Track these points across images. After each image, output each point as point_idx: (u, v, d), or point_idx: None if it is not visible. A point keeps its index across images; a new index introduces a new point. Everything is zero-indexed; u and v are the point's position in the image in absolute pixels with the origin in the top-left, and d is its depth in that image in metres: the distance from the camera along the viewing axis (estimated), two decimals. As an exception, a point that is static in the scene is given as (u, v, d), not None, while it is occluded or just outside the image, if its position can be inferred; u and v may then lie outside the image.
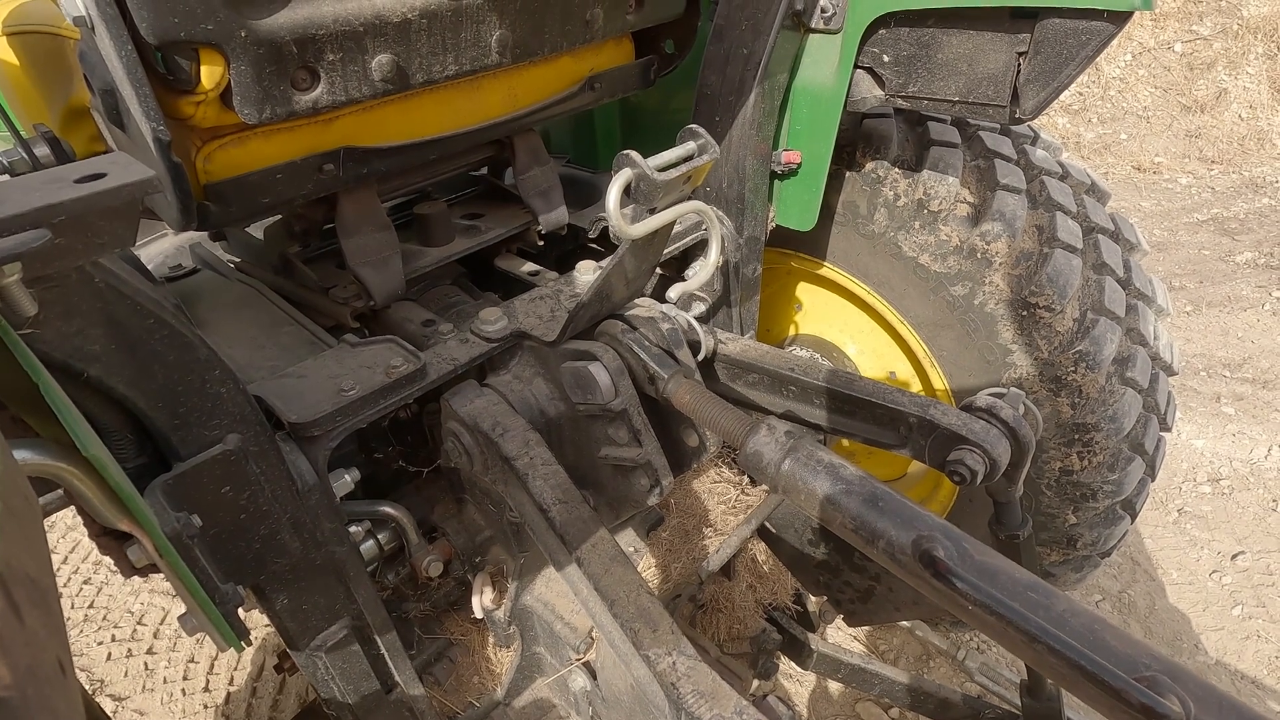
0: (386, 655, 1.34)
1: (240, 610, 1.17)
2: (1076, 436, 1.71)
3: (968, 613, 0.88)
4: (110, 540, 0.92)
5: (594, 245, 1.85)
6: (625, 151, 0.99)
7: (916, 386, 2.04)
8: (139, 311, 0.84)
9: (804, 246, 1.97)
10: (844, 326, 2.19)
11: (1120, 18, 1.20)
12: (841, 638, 2.62)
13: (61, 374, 0.80)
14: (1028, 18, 1.30)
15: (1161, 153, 6.48)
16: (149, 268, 1.74)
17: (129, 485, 0.80)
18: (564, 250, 1.94)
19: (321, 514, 1.14)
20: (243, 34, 0.93)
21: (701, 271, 1.32)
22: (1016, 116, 1.43)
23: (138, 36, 0.88)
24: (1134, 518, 1.89)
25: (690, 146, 1.06)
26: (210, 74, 0.95)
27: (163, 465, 0.96)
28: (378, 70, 1.09)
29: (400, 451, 1.59)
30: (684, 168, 1.03)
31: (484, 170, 1.90)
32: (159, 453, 0.97)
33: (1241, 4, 6.78)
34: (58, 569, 3.07)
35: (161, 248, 1.90)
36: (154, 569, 0.92)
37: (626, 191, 1.02)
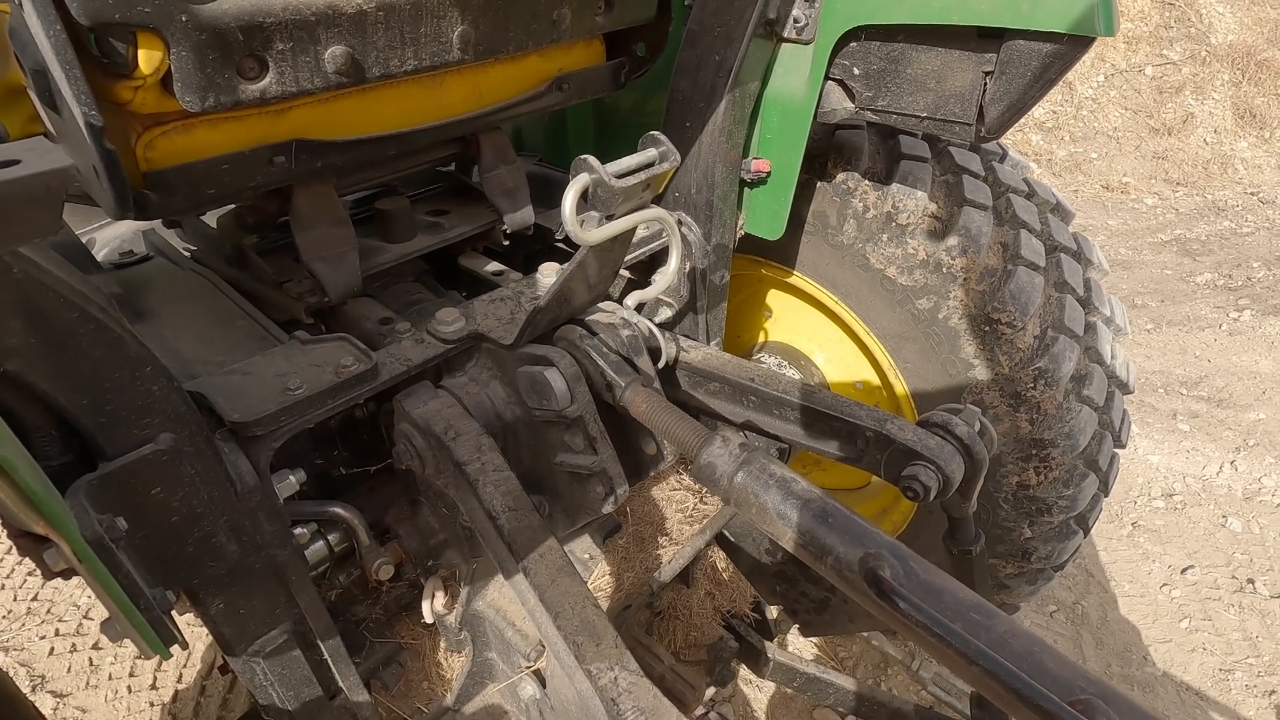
0: (330, 660, 1.31)
1: (176, 613, 1.13)
2: (1034, 452, 1.73)
3: (910, 631, 0.88)
4: (27, 542, 0.87)
5: (562, 246, 1.83)
6: (583, 157, 0.97)
7: (882, 398, 2.05)
8: (63, 304, 0.80)
9: (774, 255, 1.97)
10: (813, 335, 2.19)
11: (1082, 42, 1.22)
12: (803, 646, 2.63)
13: (-25, 368, 0.76)
14: (994, 38, 1.31)
15: (1129, 173, 6.64)
16: (100, 253, 1.68)
17: (43, 487, 0.76)
18: (532, 250, 1.91)
19: (262, 516, 1.10)
20: (183, 18, 0.89)
21: (661, 280, 1.30)
22: (982, 134, 1.44)
23: (68, 16, 0.83)
24: (1086, 532, 1.92)
25: (651, 154, 1.04)
26: (149, 58, 0.91)
27: (90, 465, 0.92)
28: (331, 62, 1.05)
29: (355, 451, 1.55)
30: (643, 175, 1.02)
31: (452, 167, 1.87)
32: (86, 451, 0.93)
33: (1210, 31, 6.97)
34: (1, 559, 2.96)
35: (118, 231, 1.84)
36: (74, 572, 0.88)
37: (584, 197, 1.00)
